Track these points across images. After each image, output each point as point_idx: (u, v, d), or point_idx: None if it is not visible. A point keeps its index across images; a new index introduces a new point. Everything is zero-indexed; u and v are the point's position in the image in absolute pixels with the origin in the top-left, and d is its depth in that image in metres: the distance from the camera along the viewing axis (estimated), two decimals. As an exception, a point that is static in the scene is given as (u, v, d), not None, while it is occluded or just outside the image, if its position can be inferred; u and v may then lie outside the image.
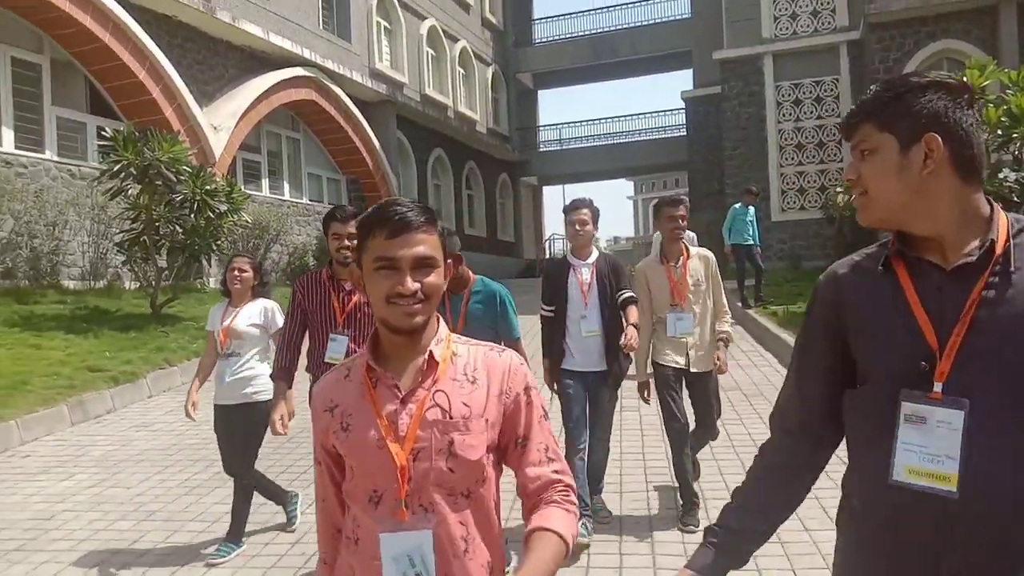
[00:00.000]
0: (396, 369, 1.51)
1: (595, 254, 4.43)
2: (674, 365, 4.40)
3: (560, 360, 4.38)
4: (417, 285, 1.44)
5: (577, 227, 4.31)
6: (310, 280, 3.82)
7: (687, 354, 4.41)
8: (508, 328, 3.82)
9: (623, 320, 4.34)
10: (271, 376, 3.96)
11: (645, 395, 4.54)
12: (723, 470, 5.16)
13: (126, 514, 4.81)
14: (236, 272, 4.33)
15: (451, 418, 1.46)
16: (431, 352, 1.50)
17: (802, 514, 4.21)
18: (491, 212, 29.59)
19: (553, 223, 37.50)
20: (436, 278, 1.49)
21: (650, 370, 4.54)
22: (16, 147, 12.02)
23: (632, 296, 4.36)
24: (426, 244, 1.48)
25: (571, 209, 4.36)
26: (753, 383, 7.68)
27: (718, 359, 4.45)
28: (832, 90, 18.71)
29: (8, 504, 5.08)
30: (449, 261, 3.37)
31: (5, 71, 12.12)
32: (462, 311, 3.73)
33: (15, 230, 11.14)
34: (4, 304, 9.99)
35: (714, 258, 4.61)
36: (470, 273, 3.84)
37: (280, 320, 4.29)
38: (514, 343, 3.78)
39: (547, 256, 34.80)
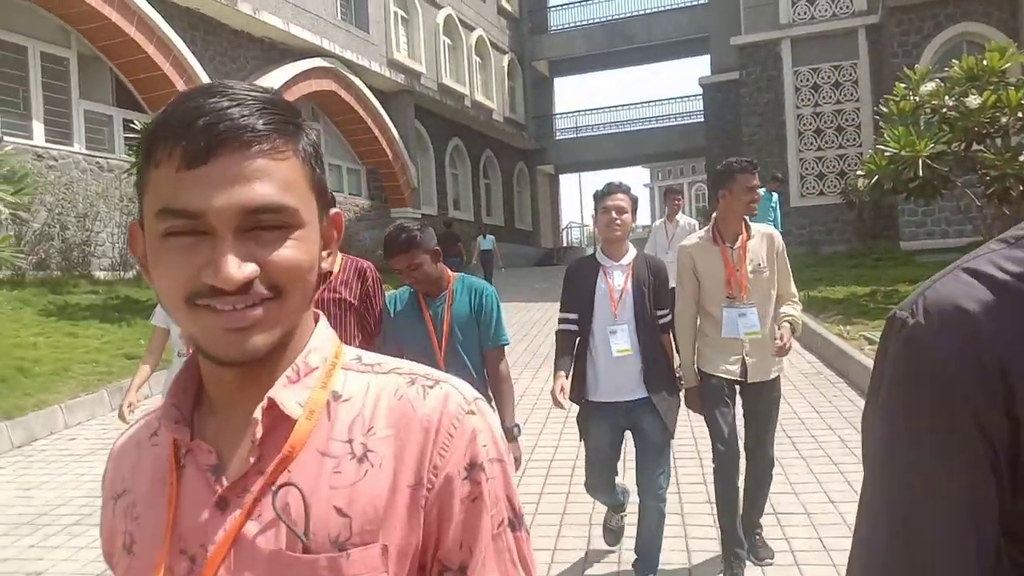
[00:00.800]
0: (220, 433, 0.79)
1: (632, 253, 3.48)
2: (726, 376, 3.51)
3: (581, 387, 3.44)
4: (251, 268, 0.71)
5: (614, 214, 3.34)
6: None
7: (743, 361, 3.50)
8: (496, 333, 3.17)
9: (667, 339, 3.51)
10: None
11: (697, 406, 3.61)
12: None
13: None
14: None
15: (306, 547, 0.72)
16: (273, 401, 0.76)
17: (828, 487, 4.35)
18: (508, 201, 29.70)
19: (570, 211, 37.64)
20: (297, 251, 0.74)
21: None
22: (46, 140, 12.27)
23: (671, 321, 3.53)
24: (269, 178, 0.72)
25: (605, 194, 3.41)
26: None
27: (780, 338, 3.43)
28: (851, 75, 18.65)
29: (62, 483, 5.30)
30: (426, 257, 2.97)
31: (35, 66, 12.36)
32: (446, 317, 3.13)
33: (47, 222, 11.39)
34: (40, 294, 10.24)
35: (780, 237, 3.71)
36: (448, 272, 3.25)
37: None
38: (497, 352, 3.19)
39: (564, 244, 34.92)
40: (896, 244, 16.66)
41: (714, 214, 3.72)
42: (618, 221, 3.36)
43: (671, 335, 3.54)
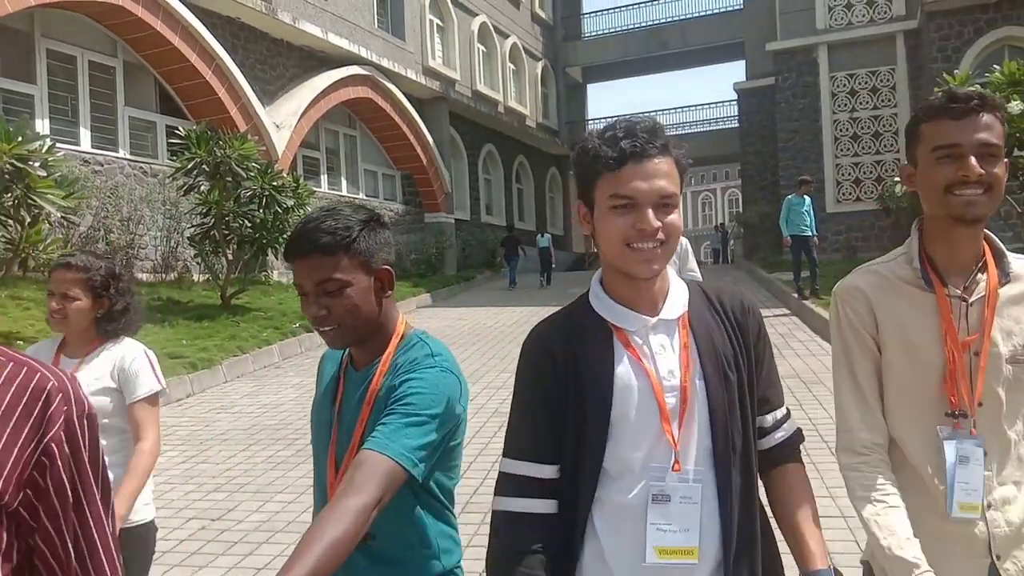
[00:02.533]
0: None
1: (678, 291, 1.50)
2: None
3: None
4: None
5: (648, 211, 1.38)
6: None
7: (992, 564, 1.56)
8: (394, 435, 1.47)
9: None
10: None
11: None
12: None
13: (219, 486, 5.15)
14: (56, 296, 2.46)
15: None
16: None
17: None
18: (540, 206, 29.80)
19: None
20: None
21: None
22: (92, 146, 12.62)
23: (799, 431, 1.54)
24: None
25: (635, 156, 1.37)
26: (811, 370, 7.77)
27: None
28: (888, 80, 18.49)
29: (110, 477, 5.48)
30: (360, 276, 1.55)
31: (83, 74, 12.72)
32: (369, 396, 1.63)
33: (93, 225, 11.69)
34: (85, 295, 10.52)
35: None
36: (398, 321, 1.71)
37: (151, 379, 2.54)
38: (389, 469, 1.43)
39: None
40: (934, 251, 16.46)
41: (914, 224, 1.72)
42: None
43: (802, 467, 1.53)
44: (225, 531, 4.35)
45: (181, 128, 11.24)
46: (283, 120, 15.53)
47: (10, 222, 7.51)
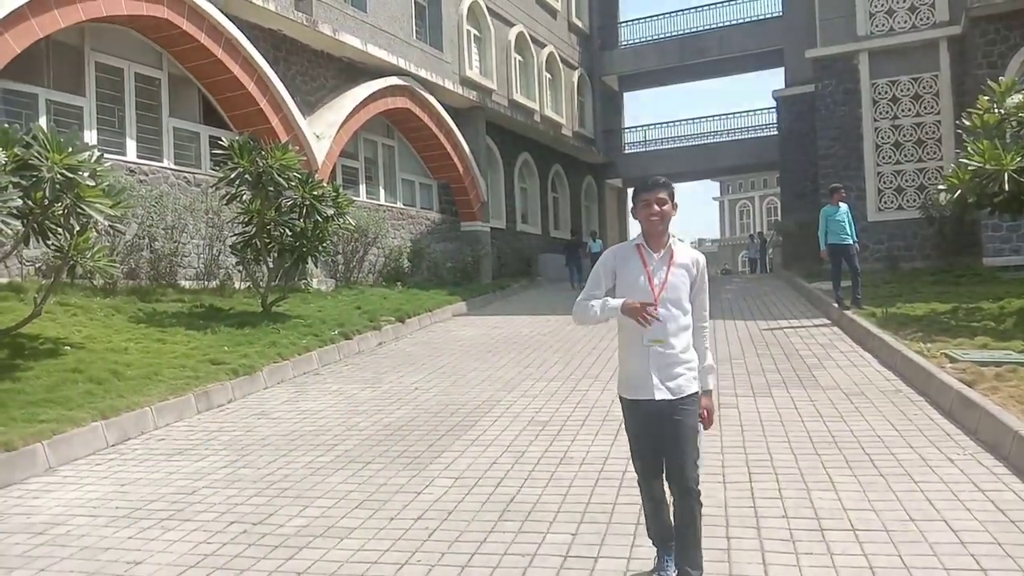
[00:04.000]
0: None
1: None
2: None
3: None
4: None
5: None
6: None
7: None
8: None
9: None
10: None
11: None
12: (826, 463, 5.21)
13: (260, 491, 5.22)
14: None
15: None
16: None
17: (908, 506, 4.28)
18: (576, 214, 29.76)
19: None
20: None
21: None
22: (138, 156, 12.91)
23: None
24: None
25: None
26: (853, 382, 7.65)
27: None
28: (931, 87, 18.18)
29: (153, 479, 5.58)
30: None
31: (130, 86, 13.03)
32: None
33: (138, 233, 11.95)
34: (129, 302, 10.76)
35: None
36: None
37: None
38: None
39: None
40: (979, 260, 16.12)
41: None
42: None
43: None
44: (266, 535, 4.41)
45: (224, 139, 11.44)
46: (323, 130, 15.74)
47: (59, 230, 7.70)
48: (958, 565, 3.58)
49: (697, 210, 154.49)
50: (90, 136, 12.08)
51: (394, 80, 17.94)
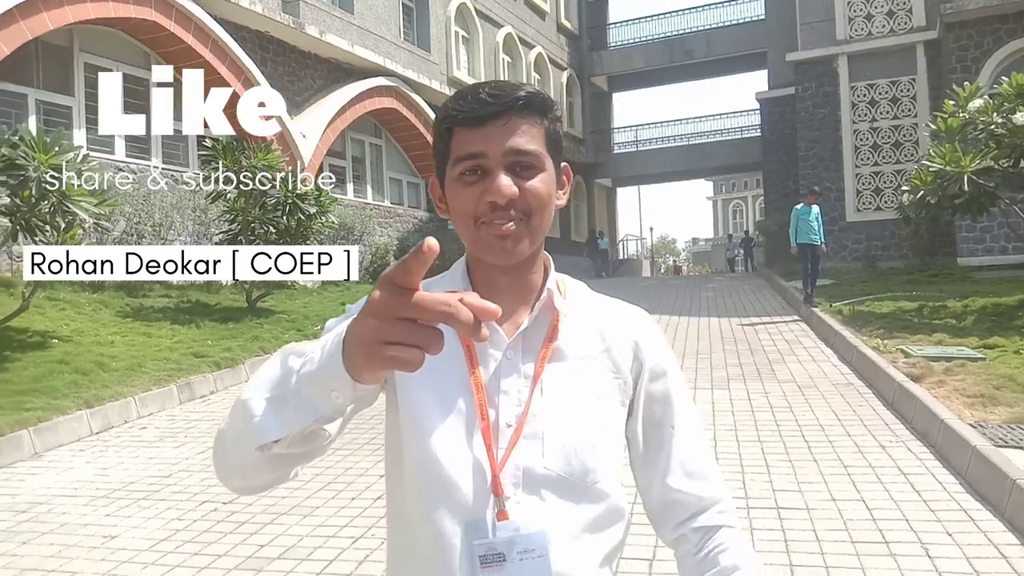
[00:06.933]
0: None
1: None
2: None
3: None
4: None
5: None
6: None
7: None
8: None
9: None
10: None
11: None
12: (766, 450, 5.54)
13: (232, 475, 5.53)
14: None
15: None
16: None
17: (833, 487, 4.60)
18: (564, 213, 30.04)
19: (627, 224, 37.79)
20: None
21: None
22: (127, 155, 13.18)
23: None
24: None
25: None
26: (808, 375, 7.98)
27: None
28: (909, 90, 18.54)
29: (133, 464, 5.88)
30: None
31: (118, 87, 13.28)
32: None
33: (126, 230, 12.22)
34: (117, 297, 11.04)
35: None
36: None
37: None
38: None
39: (621, 256, 35.10)
40: (954, 260, 16.48)
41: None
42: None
43: None
44: (235, 513, 4.71)
45: (208, 139, 11.72)
46: (310, 130, 16.02)
47: (46, 228, 7.98)
48: (864, 538, 3.91)
49: (692, 209, 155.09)
50: (79, 135, 12.34)
51: (381, 81, 18.23)
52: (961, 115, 10.61)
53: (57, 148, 7.53)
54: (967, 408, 5.82)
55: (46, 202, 7.62)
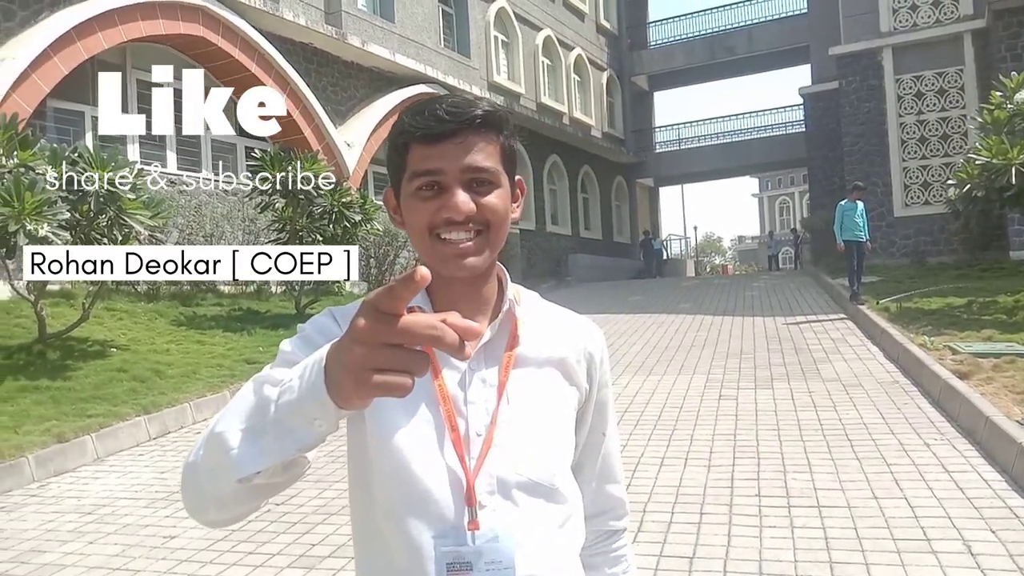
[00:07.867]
0: None
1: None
2: None
3: None
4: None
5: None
6: None
7: None
8: None
9: None
10: None
11: None
12: (808, 449, 5.55)
13: (284, 477, 5.72)
14: None
15: None
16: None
17: (875, 485, 4.62)
18: (607, 215, 30.05)
19: (670, 223, 37.62)
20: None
21: None
22: (178, 167, 13.60)
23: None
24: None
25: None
26: (854, 374, 7.93)
27: None
28: (956, 81, 18.17)
29: (190, 468, 6.12)
30: None
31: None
32: None
33: (179, 241, 12.61)
34: (172, 306, 11.42)
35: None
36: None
37: None
38: None
39: (665, 257, 34.92)
40: (1006, 254, 16.11)
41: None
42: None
43: None
44: (287, 513, 4.89)
45: (257, 150, 12.05)
46: (353, 139, 16.33)
47: (104, 240, 8.31)
48: (906, 536, 3.92)
49: (737, 206, 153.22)
50: (133, 150, 12.78)
51: (422, 88, 18.46)
52: (1008, 106, 10.42)
53: (114, 164, 7.85)
54: (1016, 405, 5.75)
55: (103, 216, 7.94)
